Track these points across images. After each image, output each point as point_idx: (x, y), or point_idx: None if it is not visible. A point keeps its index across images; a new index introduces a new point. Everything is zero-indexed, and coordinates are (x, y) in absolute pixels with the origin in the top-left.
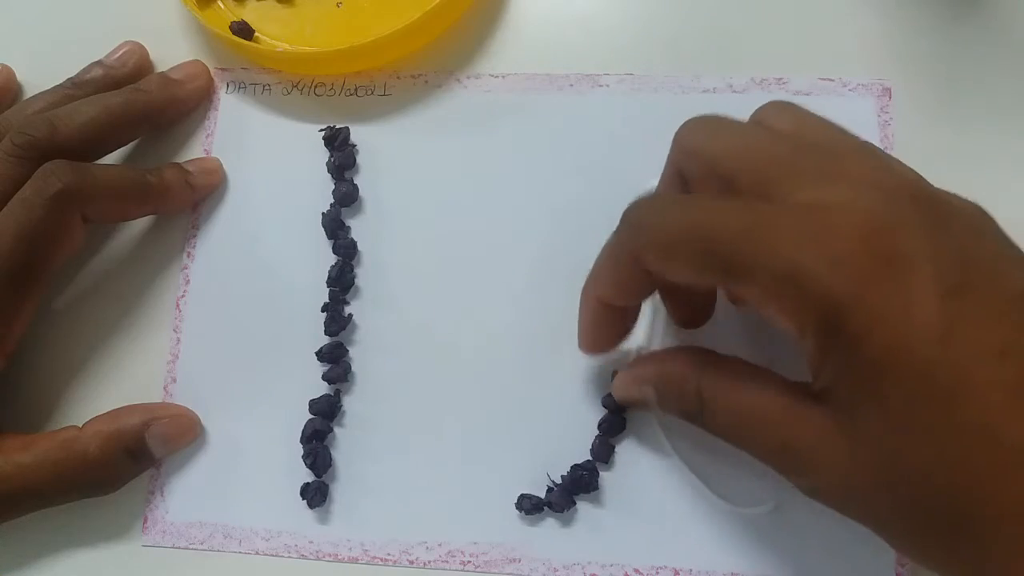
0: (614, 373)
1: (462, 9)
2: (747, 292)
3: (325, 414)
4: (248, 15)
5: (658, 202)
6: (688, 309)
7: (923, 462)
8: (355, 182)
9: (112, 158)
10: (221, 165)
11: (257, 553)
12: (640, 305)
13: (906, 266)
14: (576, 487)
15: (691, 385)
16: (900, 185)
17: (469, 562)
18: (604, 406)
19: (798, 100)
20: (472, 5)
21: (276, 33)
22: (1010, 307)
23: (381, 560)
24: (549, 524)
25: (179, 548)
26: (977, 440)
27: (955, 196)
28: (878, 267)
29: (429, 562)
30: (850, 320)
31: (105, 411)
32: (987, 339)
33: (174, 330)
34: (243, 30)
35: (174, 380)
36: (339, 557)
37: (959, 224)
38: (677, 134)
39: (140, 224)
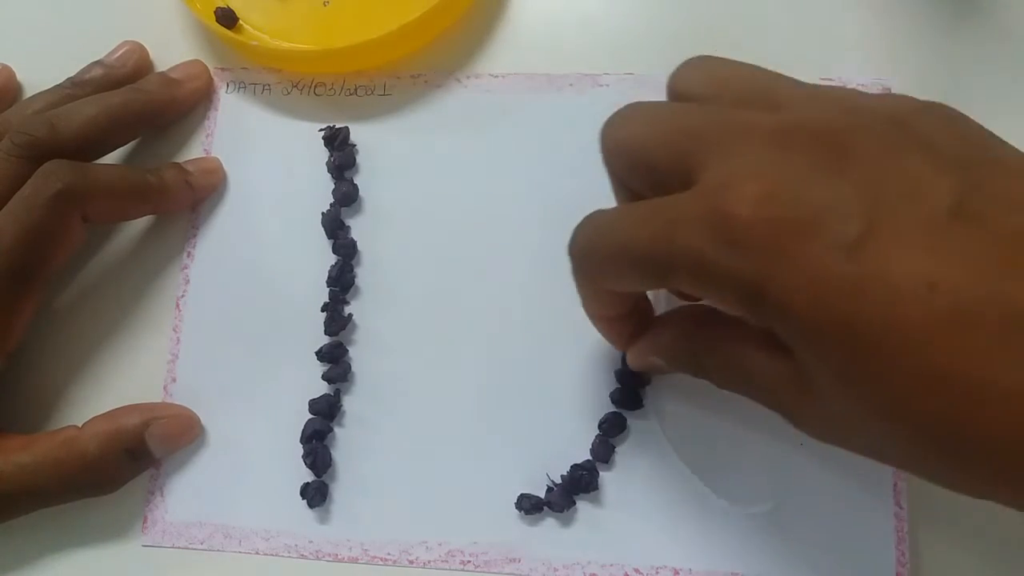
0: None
1: (462, 9)
2: (678, 287)
3: (325, 414)
4: (235, 2)
5: (583, 227)
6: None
7: (886, 411)
8: (355, 182)
9: (112, 158)
10: (221, 165)
11: (257, 553)
12: (643, 295)
13: (805, 227)
14: (576, 487)
15: (686, 352)
16: (800, 126)
17: (469, 562)
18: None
19: None
20: (472, 5)
21: (261, 24)
22: (933, 230)
23: (381, 560)
24: (549, 524)
25: (179, 548)
26: (928, 385)
27: (878, 100)
28: (777, 236)
29: (429, 562)
30: (767, 297)
31: (105, 411)
32: (912, 275)
33: (174, 330)
34: (227, 16)
35: (174, 380)
36: (339, 557)
37: (869, 148)
38: (600, 133)
39: (140, 224)
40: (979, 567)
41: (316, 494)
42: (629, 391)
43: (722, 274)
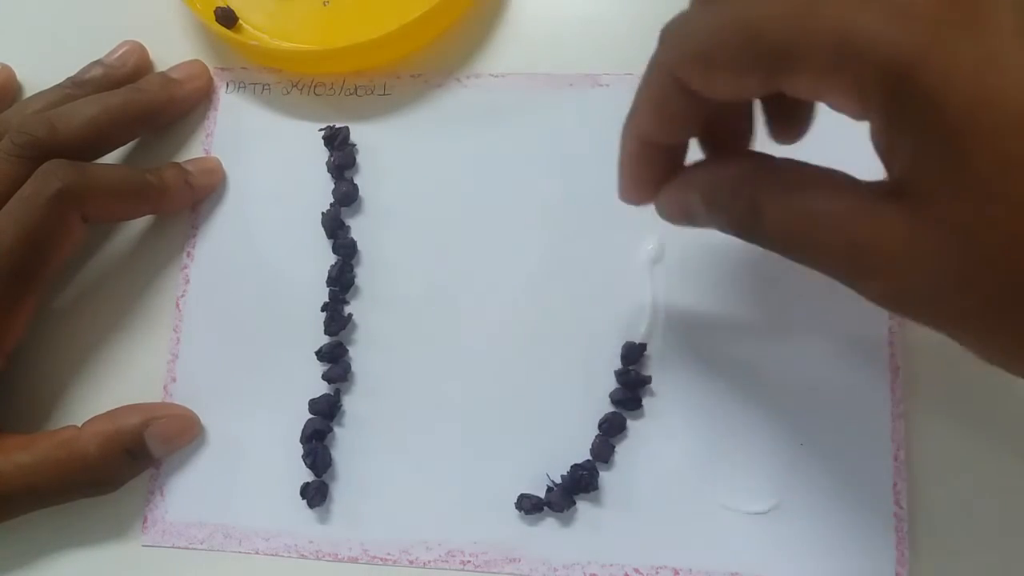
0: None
1: (462, 9)
2: (800, 84)
3: (325, 414)
4: (235, 2)
5: (691, 9)
6: (777, 121)
7: (1016, 240)
8: (355, 182)
9: (112, 158)
10: (221, 165)
11: (257, 553)
12: (686, 144)
13: (986, 5)
14: (576, 487)
15: (746, 187)
16: None
17: (469, 562)
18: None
19: None
20: (472, 5)
21: (261, 24)
22: None
23: (381, 560)
24: (549, 524)
25: (179, 548)
26: None
27: None
28: (946, 9)
29: (429, 562)
30: (922, 78)
31: (105, 411)
32: None
33: (174, 330)
34: (226, 16)
35: (174, 380)
36: (339, 557)
37: None
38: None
39: (140, 224)
40: (979, 568)
41: (316, 494)
42: (629, 391)
43: (870, 50)
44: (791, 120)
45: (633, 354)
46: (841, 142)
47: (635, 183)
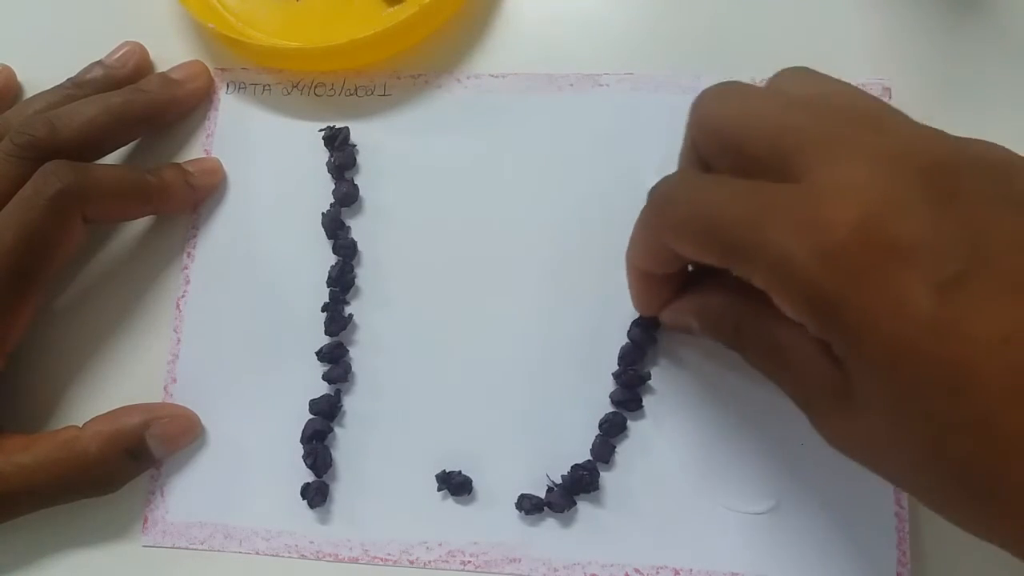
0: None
1: (452, 9)
2: (749, 275)
3: (325, 414)
4: (235, 2)
5: (672, 181)
6: None
7: (927, 445)
8: (355, 182)
9: (112, 158)
10: (221, 165)
11: (257, 553)
12: (685, 268)
13: (902, 257)
14: (576, 487)
15: (728, 320)
16: (909, 155)
17: (469, 562)
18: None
19: None
20: (465, 5)
21: (260, 24)
22: (1021, 287)
23: (381, 560)
24: (549, 524)
25: (179, 548)
26: (976, 432)
27: (980, 147)
28: (871, 260)
29: (429, 562)
30: (844, 316)
31: (105, 411)
32: (990, 326)
33: (174, 330)
34: None
35: (174, 380)
36: (339, 557)
37: (974, 192)
38: (693, 104)
39: (140, 224)
40: (980, 567)
41: (316, 494)
42: (629, 392)
43: (804, 281)
44: None
45: (633, 354)
46: None
47: (642, 301)
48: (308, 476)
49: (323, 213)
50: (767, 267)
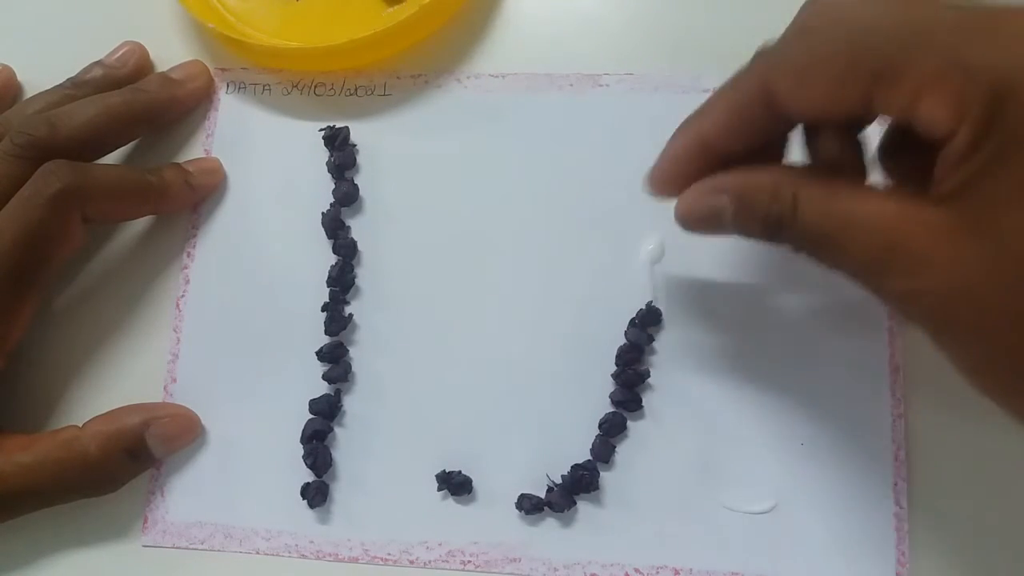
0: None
1: (452, 9)
2: (896, 96)
3: (325, 414)
4: (235, 2)
5: (787, 35)
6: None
7: None
8: (355, 182)
9: (112, 158)
10: (221, 165)
11: (257, 553)
12: (739, 156)
13: None
14: (576, 487)
15: (786, 189)
16: None
17: (469, 562)
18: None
19: None
20: (465, 5)
21: (260, 23)
22: None
23: (381, 560)
24: (549, 524)
25: (179, 548)
26: None
27: None
28: None
29: (429, 562)
30: (1020, 92)
31: (105, 411)
32: None
33: (174, 330)
34: None
35: (174, 380)
36: (339, 557)
37: None
38: None
39: (140, 224)
40: (979, 567)
41: (316, 494)
42: (629, 391)
43: (981, 67)
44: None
45: (630, 353)
46: None
47: (671, 177)
48: (308, 476)
49: (323, 213)
50: (939, 64)
